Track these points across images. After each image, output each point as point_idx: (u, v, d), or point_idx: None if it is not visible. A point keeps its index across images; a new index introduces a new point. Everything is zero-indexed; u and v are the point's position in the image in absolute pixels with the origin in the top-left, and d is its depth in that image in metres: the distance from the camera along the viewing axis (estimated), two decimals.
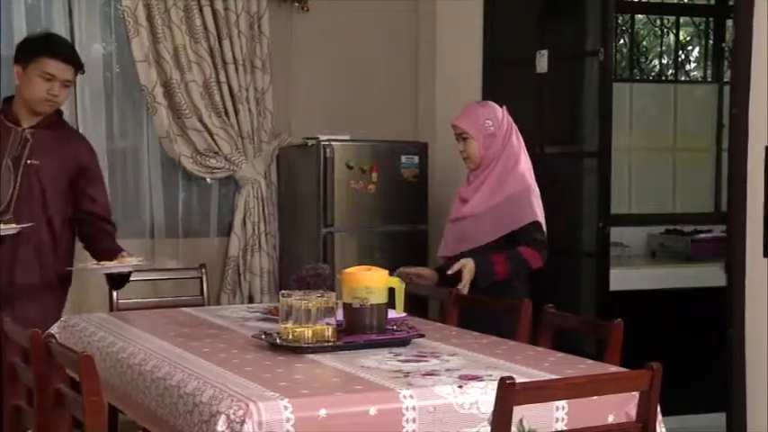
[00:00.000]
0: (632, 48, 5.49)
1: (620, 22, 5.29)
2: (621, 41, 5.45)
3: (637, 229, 5.04)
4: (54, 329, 2.83)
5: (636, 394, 1.96)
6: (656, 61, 5.75)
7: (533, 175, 3.31)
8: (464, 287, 3.13)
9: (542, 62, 4.30)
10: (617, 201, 4.49)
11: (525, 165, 3.28)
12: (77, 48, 3.67)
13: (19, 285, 3.10)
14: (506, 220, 3.18)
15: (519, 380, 1.78)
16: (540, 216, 3.21)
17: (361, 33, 4.75)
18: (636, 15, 5.56)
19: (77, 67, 3.22)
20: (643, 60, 5.68)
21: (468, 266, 3.14)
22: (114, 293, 3.32)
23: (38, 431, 2.18)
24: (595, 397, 2.00)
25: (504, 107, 3.34)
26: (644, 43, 5.69)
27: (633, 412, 1.99)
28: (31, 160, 3.16)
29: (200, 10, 4.35)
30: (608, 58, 4.03)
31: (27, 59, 3.17)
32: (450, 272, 3.15)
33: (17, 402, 2.32)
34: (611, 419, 2.04)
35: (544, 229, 3.24)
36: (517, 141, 3.29)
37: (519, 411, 1.82)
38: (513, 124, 3.32)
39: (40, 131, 3.19)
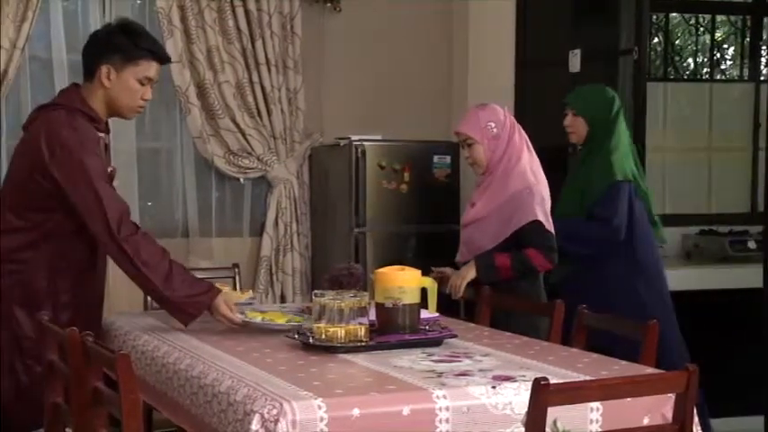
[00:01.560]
0: (667, 46, 5.44)
1: (654, 20, 5.24)
2: (656, 40, 5.41)
3: (671, 229, 4.98)
4: None
5: (672, 396, 1.94)
6: (690, 60, 5.70)
7: (540, 171, 3.20)
8: (456, 293, 3.11)
9: (575, 61, 4.27)
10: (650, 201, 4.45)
11: (527, 162, 3.17)
12: None
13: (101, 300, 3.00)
14: (507, 221, 3.11)
15: (553, 381, 1.77)
16: (541, 214, 3.09)
17: (393, 33, 4.75)
18: (670, 13, 5.50)
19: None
20: (677, 59, 5.63)
21: (465, 274, 3.10)
22: None
23: (76, 428, 2.21)
24: (630, 398, 1.98)
25: (506, 108, 3.27)
26: (678, 42, 5.64)
27: (669, 414, 1.97)
28: (110, 168, 2.86)
29: (234, 11, 4.38)
30: (642, 57, 4.00)
31: (125, 60, 2.73)
32: (455, 297, 3.11)
33: (55, 400, 2.35)
34: (646, 421, 2.03)
35: (548, 227, 3.12)
36: (519, 140, 3.19)
37: (553, 412, 1.81)
38: (517, 124, 3.23)
39: (107, 137, 2.90)
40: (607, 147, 3.46)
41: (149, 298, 3.40)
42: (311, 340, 2.37)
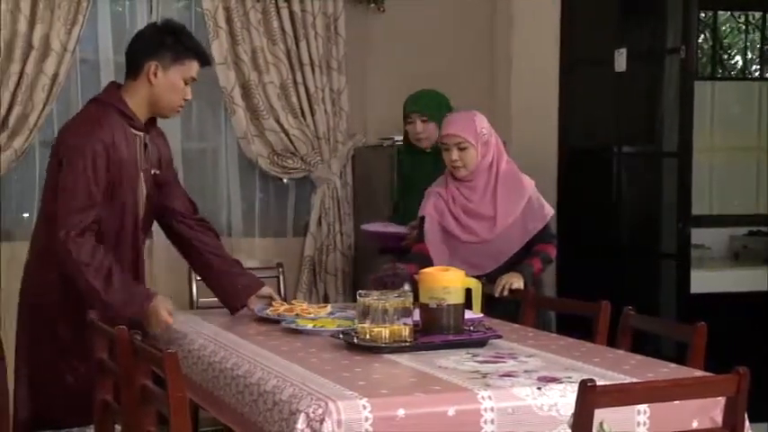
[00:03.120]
0: (714, 45, 5.35)
1: (701, 18, 5.17)
2: (702, 38, 5.33)
3: (718, 230, 4.92)
4: None
5: (721, 399, 1.92)
6: (738, 58, 5.61)
7: None
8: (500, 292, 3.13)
9: (621, 61, 4.23)
10: (697, 201, 4.39)
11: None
12: None
13: None
14: (525, 227, 3.22)
15: (600, 382, 1.76)
16: (549, 212, 3.28)
17: (436, 33, 4.74)
18: (718, 11, 5.42)
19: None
20: (726, 57, 5.54)
21: (513, 282, 3.13)
22: (194, 291, 3.38)
23: (125, 426, 2.24)
24: (678, 401, 1.96)
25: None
26: (726, 40, 5.55)
27: (719, 418, 1.94)
28: (154, 170, 2.88)
29: (278, 12, 4.40)
30: (690, 55, 3.94)
31: (174, 59, 2.77)
32: (498, 294, 3.11)
33: (105, 397, 2.39)
34: (695, 425, 2.00)
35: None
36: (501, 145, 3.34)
37: (599, 414, 1.79)
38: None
39: (149, 136, 2.88)
40: None
41: (195, 298, 3.45)
42: (356, 340, 2.37)
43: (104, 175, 2.69)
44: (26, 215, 4.21)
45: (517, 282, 3.11)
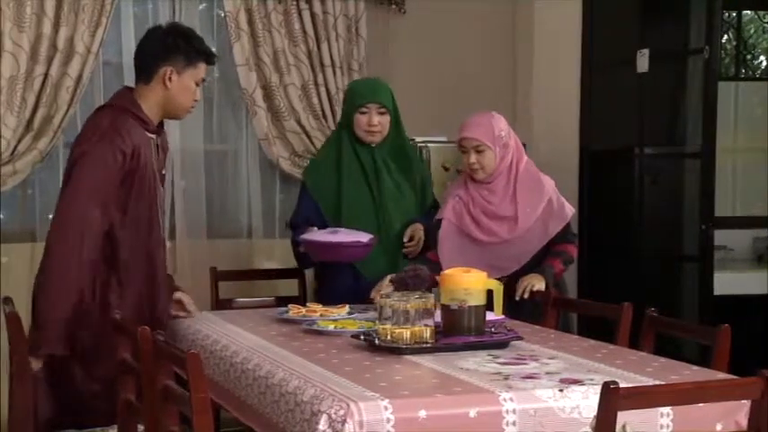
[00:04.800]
0: (738, 45, 5.32)
1: (724, 18, 5.13)
2: (726, 38, 5.29)
3: (742, 232, 4.89)
4: None
5: (746, 403, 1.90)
6: (762, 58, 5.57)
7: None
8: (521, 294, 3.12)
9: (643, 62, 4.21)
10: (720, 203, 4.36)
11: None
12: None
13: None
14: (551, 224, 3.20)
15: (622, 385, 1.75)
16: (569, 213, 3.25)
17: (457, 34, 4.73)
18: (742, 11, 5.38)
19: None
20: (749, 58, 5.50)
21: (535, 284, 3.11)
22: (218, 291, 3.39)
23: (147, 425, 2.25)
24: (702, 404, 1.94)
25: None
26: (750, 40, 5.51)
27: (744, 421, 1.93)
28: (163, 171, 2.93)
29: (299, 14, 4.41)
30: (713, 56, 3.92)
31: (187, 63, 2.81)
32: (519, 297, 3.10)
33: (128, 397, 2.40)
34: (719, 428, 1.99)
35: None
36: (520, 145, 3.31)
37: (622, 417, 1.78)
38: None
39: (159, 139, 2.90)
40: (405, 139, 3.48)
41: (217, 297, 3.46)
42: (377, 341, 2.38)
43: (119, 184, 2.71)
44: (50, 216, 4.23)
45: (538, 283, 3.10)
